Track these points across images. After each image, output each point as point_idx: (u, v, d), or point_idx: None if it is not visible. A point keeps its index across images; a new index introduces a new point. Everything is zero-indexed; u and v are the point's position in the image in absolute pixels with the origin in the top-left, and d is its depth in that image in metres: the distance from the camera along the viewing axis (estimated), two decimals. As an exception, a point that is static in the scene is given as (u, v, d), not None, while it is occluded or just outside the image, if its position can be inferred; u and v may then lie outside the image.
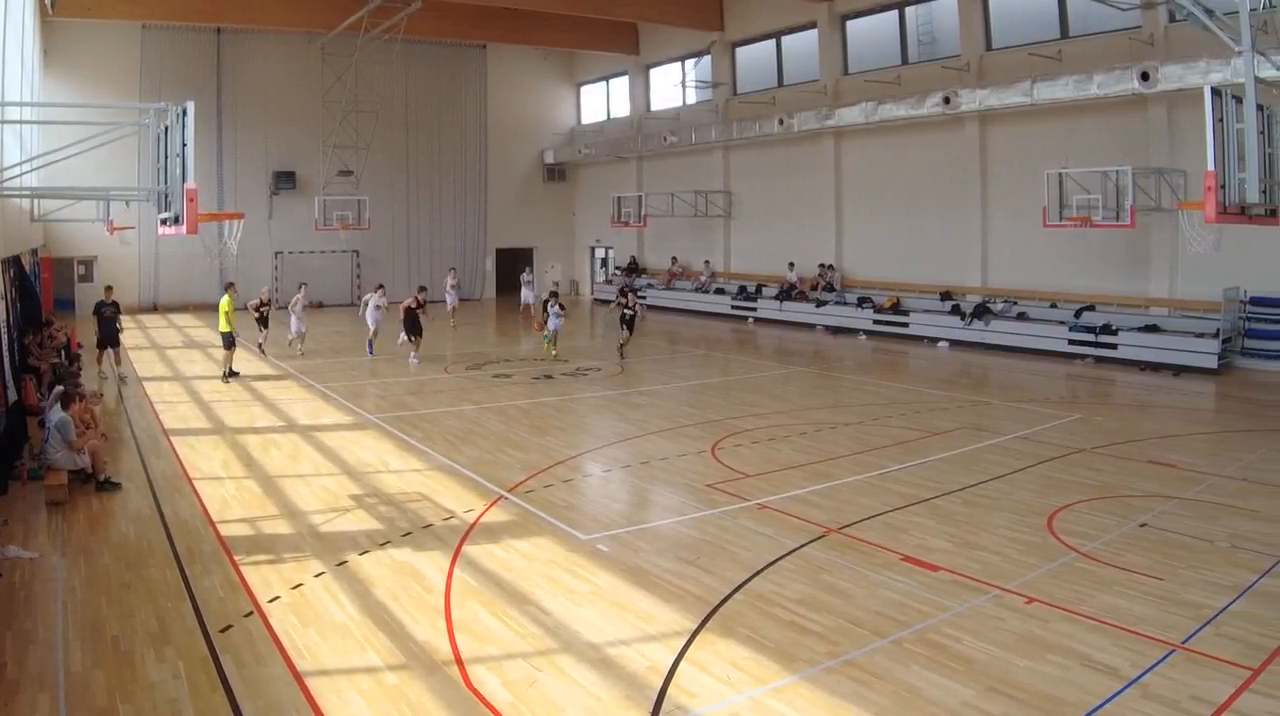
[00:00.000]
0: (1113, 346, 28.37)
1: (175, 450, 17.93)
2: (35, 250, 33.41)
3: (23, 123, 25.40)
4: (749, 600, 10.58)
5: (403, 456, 17.57)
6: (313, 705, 8.27)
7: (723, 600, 10.55)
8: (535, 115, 55.84)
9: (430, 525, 13.38)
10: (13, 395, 17.87)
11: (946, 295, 34.56)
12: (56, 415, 15.31)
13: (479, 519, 13.70)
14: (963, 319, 32.78)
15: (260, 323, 29.10)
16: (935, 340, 33.28)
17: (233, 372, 25.63)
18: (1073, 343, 29.38)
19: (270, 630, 9.76)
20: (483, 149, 53.63)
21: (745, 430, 19.41)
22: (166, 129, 15.45)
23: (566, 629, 9.87)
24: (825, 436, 18.99)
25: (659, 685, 8.61)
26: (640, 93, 51.97)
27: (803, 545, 12.37)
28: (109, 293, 26.12)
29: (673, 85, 49.14)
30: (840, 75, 39.20)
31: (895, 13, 37.04)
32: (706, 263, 46.22)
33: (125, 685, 8.58)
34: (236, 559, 11.92)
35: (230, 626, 9.85)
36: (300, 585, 11.02)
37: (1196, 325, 27.15)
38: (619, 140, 51.42)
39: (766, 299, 41.01)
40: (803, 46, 41.47)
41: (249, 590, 10.85)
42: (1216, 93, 15.92)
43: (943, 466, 16.57)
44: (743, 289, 43.13)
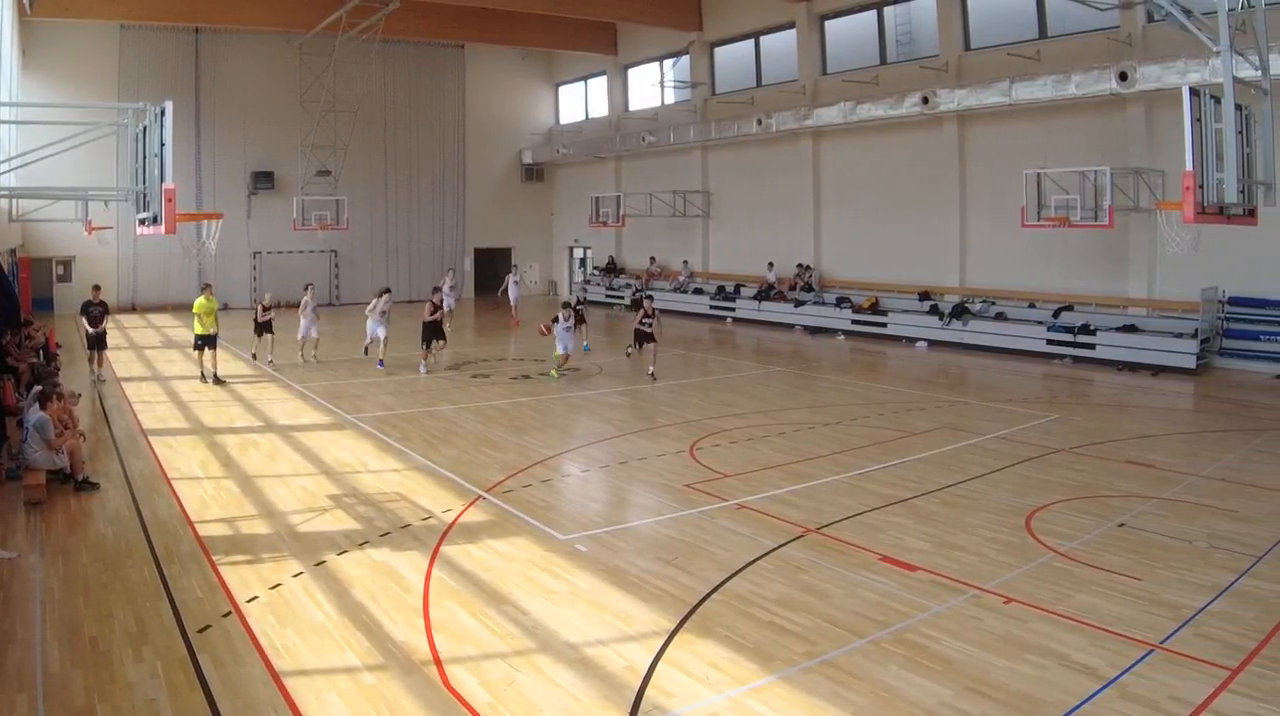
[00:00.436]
0: (1091, 346, 28.43)
1: (154, 450, 17.84)
2: (13, 250, 33.26)
3: (1, 123, 25.26)
4: (727, 600, 10.55)
5: (381, 456, 17.50)
6: (291, 705, 8.24)
7: (701, 600, 10.52)
8: (513, 115, 55.79)
9: (408, 525, 13.33)
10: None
11: (925, 295, 34.59)
12: (35, 415, 15.19)
13: (457, 519, 13.66)
14: (941, 319, 32.82)
15: (262, 330, 27.81)
16: (913, 340, 33.29)
17: (218, 379, 24.88)
18: (1051, 343, 29.44)
19: (248, 630, 9.71)
20: (461, 149, 53.52)
21: (724, 430, 19.37)
22: (145, 129, 15.47)
23: (544, 629, 9.84)
24: (804, 436, 18.96)
25: (637, 685, 8.59)
26: (618, 93, 51.95)
27: (781, 545, 12.35)
28: (96, 292, 25.71)
29: (651, 85, 49.21)
30: (819, 75, 39.23)
31: (874, 13, 37.06)
32: (685, 263, 46.13)
33: (103, 685, 8.54)
34: (215, 559, 11.85)
35: (208, 626, 9.80)
36: (278, 585, 10.97)
37: (1175, 325, 27.22)
38: (597, 140, 51.34)
39: (745, 299, 40.98)
40: (781, 46, 41.46)
41: (227, 590, 10.79)
42: (1195, 92, 15.95)
43: (921, 466, 16.56)
44: (721, 289, 43.13)
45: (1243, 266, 25.79)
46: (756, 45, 43.16)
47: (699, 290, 44.01)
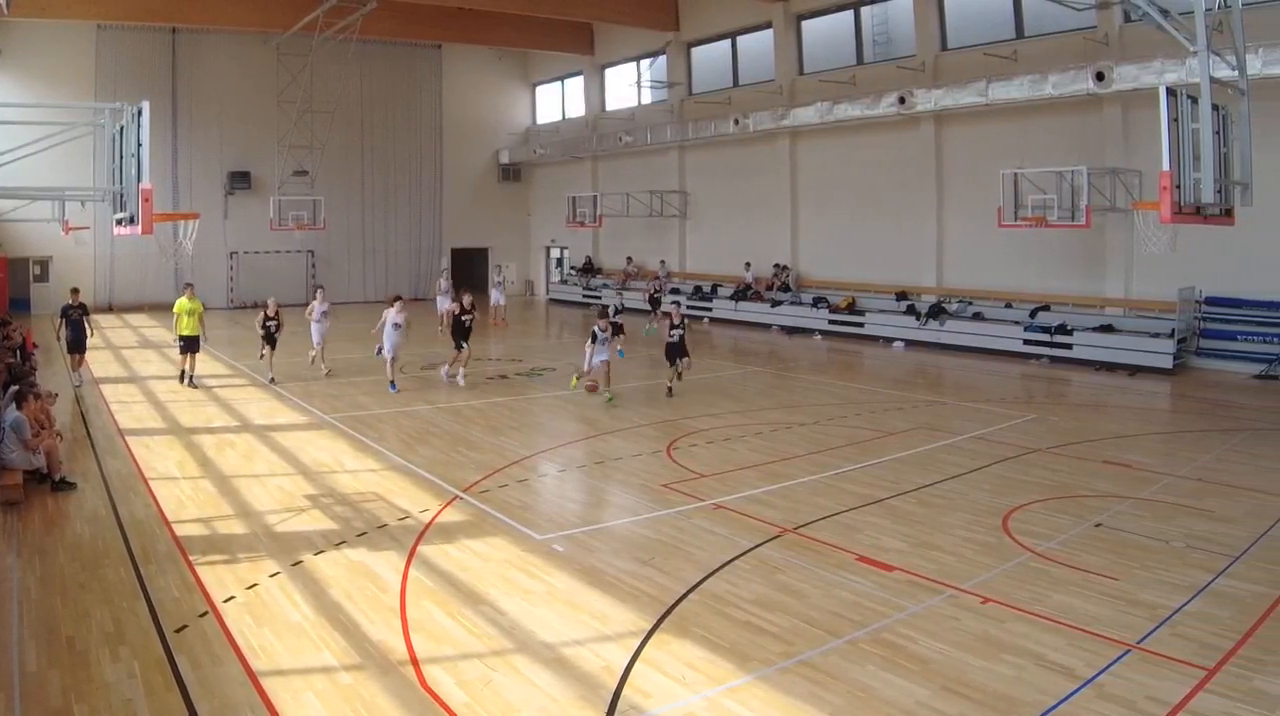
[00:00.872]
0: (1068, 346, 28.48)
1: (131, 450, 17.74)
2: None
3: (-22, 123, 25.07)
4: (704, 600, 10.50)
5: (358, 456, 17.43)
6: (268, 705, 8.20)
7: (678, 600, 10.48)
8: (490, 115, 55.76)
9: (385, 525, 13.27)
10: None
11: (902, 295, 34.61)
12: (11, 415, 15.04)
13: (434, 519, 13.60)
14: (918, 319, 32.84)
15: (267, 340, 25.09)
16: (890, 340, 33.31)
17: (191, 382, 24.31)
18: (1028, 343, 29.48)
19: (225, 630, 9.67)
20: (438, 149, 53.50)
21: (700, 430, 19.30)
22: (122, 129, 15.47)
23: (521, 629, 9.80)
24: (780, 436, 18.92)
25: (614, 685, 8.56)
26: (595, 93, 51.86)
27: (758, 545, 12.30)
28: (75, 295, 25.25)
29: (628, 85, 49.18)
30: (795, 75, 39.21)
31: (850, 13, 37.03)
32: (662, 262, 46.11)
33: (80, 685, 8.49)
34: (192, 559, 11.78)
35: (185, 626, 9.74)
36: (255, 585, 10.92)
37: (1152, 325, 27.30)
38: (574, 140, 51.30)
39: (722, 299, 40.97)
40: (758, 47, 41.46)
41: (204, 590, 10.74)
42: (1171, 92, 15.95)
43: (898, 466, 16.53)
44: (698, 289, 43.10)
45: (1220, 266, 25.85)
46: (733, 45, 43.13)
47: (676, 290, 43.92)
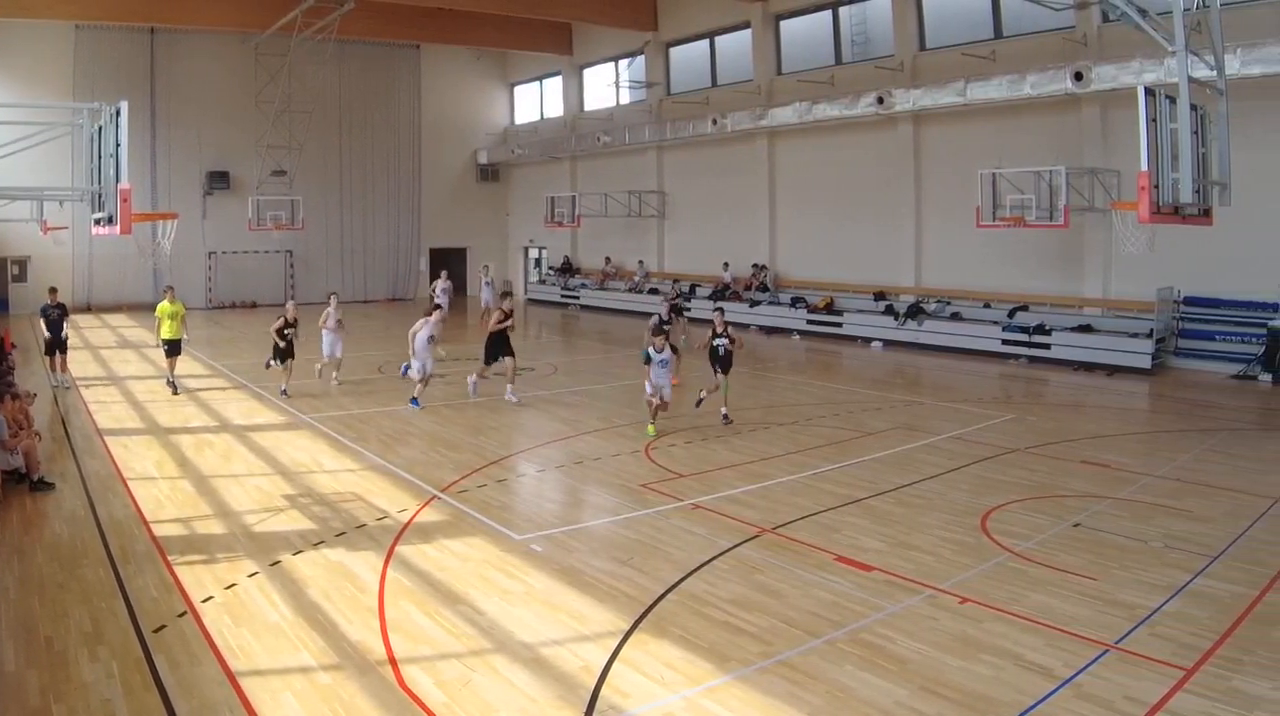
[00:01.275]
0: (1046, 346, 28.50)
1: (109, 450, 17.72)
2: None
3: (-44, 123, 24.92)
4: (682, 600, 10.49)
5: (336, 456, 17.40)
6: (246, 705, 8.18)
7: (656, 600, 10.47)
8: (469, 115, 55.77)
9: (364, 525, 13.25)
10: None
11: (880, 295, 34.63)
12: (-11, 415, 15.00)
13: (412, 519, 13.60)
14: (896, 319, 32.84)
15: (282, 354, 23.01)
16: (869, 340, 33.31)
17: (173, 386, 23.71)
18: (1006, 343, 29.49)
19: (204, 630, 9.66)
20: (416, 149, 53.54)
21: (679, 430, 19.25)
22: (100, 129, 15.44)
23: (500, 629, 9.79)
24: (759, 436, 18.89)
25: (592, 685, 8.55)
26: (574, 93, 51.83)
27: (736, 545, 12.29)
28: (54, 294, 24.85)
29: (606, 85, 49.18)
30: (774, 75, 39.22)
31: (829, 13, 37.06)
32: (640, 263, 46.15)
33: (59, 685, 8.48)
34: (170, 559, 11.77)
35: (164, 626, 9.73)
36: (234, 585, 10.91)
37: (1130, 325, 27.33)
38: (553, 140, 51.30)
39: (700, 299, 40.83)
40: (736, 46, 41.48)
41: (183, 590, 10.72)
42: (1150, 92, 15.92)
43: (876, 466, 16.52)
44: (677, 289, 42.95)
45: (1198, 266, 25.89)
46: (712, 45, 43.13)
47: (654, 290, 43.88)
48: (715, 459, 17.08)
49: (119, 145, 14.61)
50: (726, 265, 40.60)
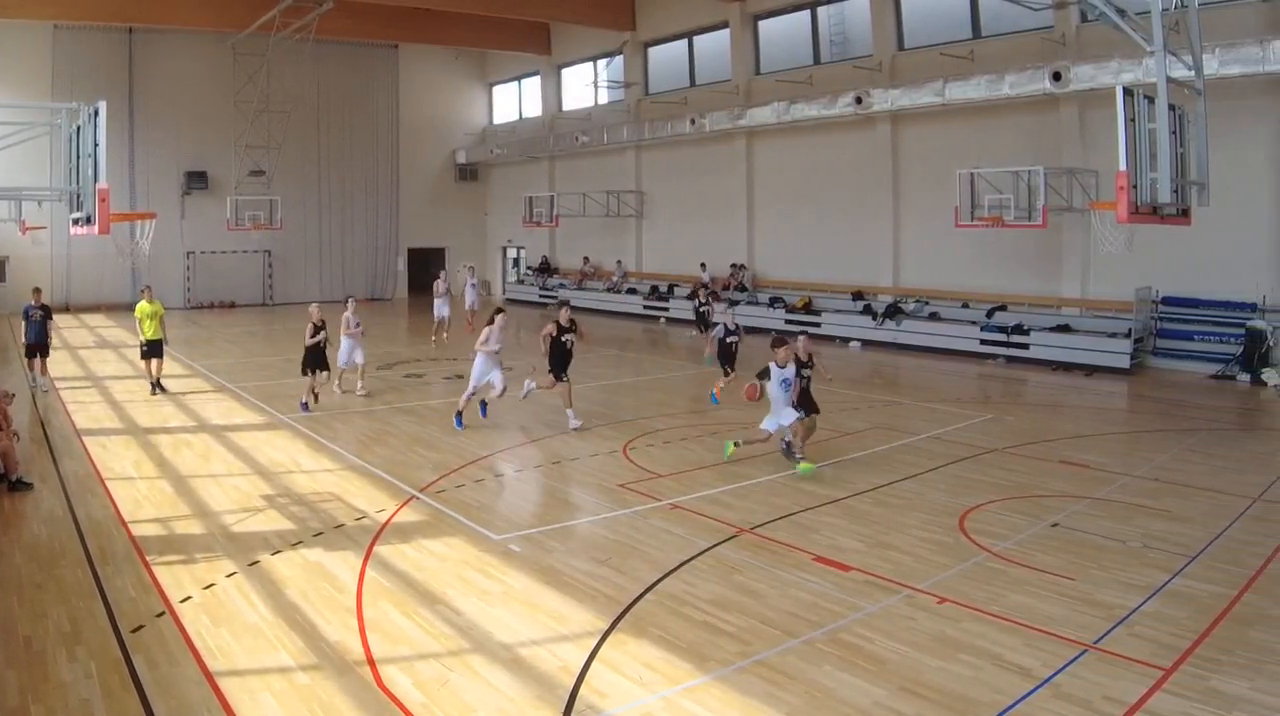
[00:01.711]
0: (1025, 346, 28.56)
1: (88, 450, 17.66)
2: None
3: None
4: (661, 600, 10.46)
5: (315, 456, 17.37)
6: (225, 705, 8.16)
7: (635, 600, 10.44)
8: (447, 115, 55.84)
9: (342, 525, 13.21)
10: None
11: (858, 295, 34.65)
12: (-34, 415, 14.91)
13: (391, 519, 13.55)
14: (875, 319, 32.88)
15: (316, 364, 21.29)
16: (847, 340, 33.33)
17: (160, 387, 23.41)
18: (985, 343, 29.55)
19: (182, 630, 9.62)
20: (394, 149, 53.57)
21: (657, 430, 19.21)
22: (78, 129, 15.49)
23: (478, 629, 9.76)
24: (736, 436, 18.83)
25: (571, 685, 8.53)
26: (552, 93, 51.89)
27: (715, 545, 12.25)
28: (37, 295, 24.46)
29: (585, 85, 49.18)
30: (752, 75, 39.27)
31: (807, 12, 37.15)
32: (619, 262, 46.17)
33: (37, 685, 8.45)
34: (149, 559, 11.72)
35: (142, 626, 9.70)
36: (212, 585, 10.86)
37: (1108, 325, 27.41)
38: (531, 140, 51.31)
39: (679, 299, 40.87)
40: (715, 46, 41.51)
41: (161, 590, 10.68)
42: (1128, 92, 15.96)
43: (854, 466, 16.51)
44: (655, 289, 43.14)
45: (1176, 266, 25.98)
46: (690, 45, 43.19)
47: (632, 290, 43.96)
48: (693, 459, 17.04)
49: (97, 145, 14.68)
50: (704, 266, 40.51)
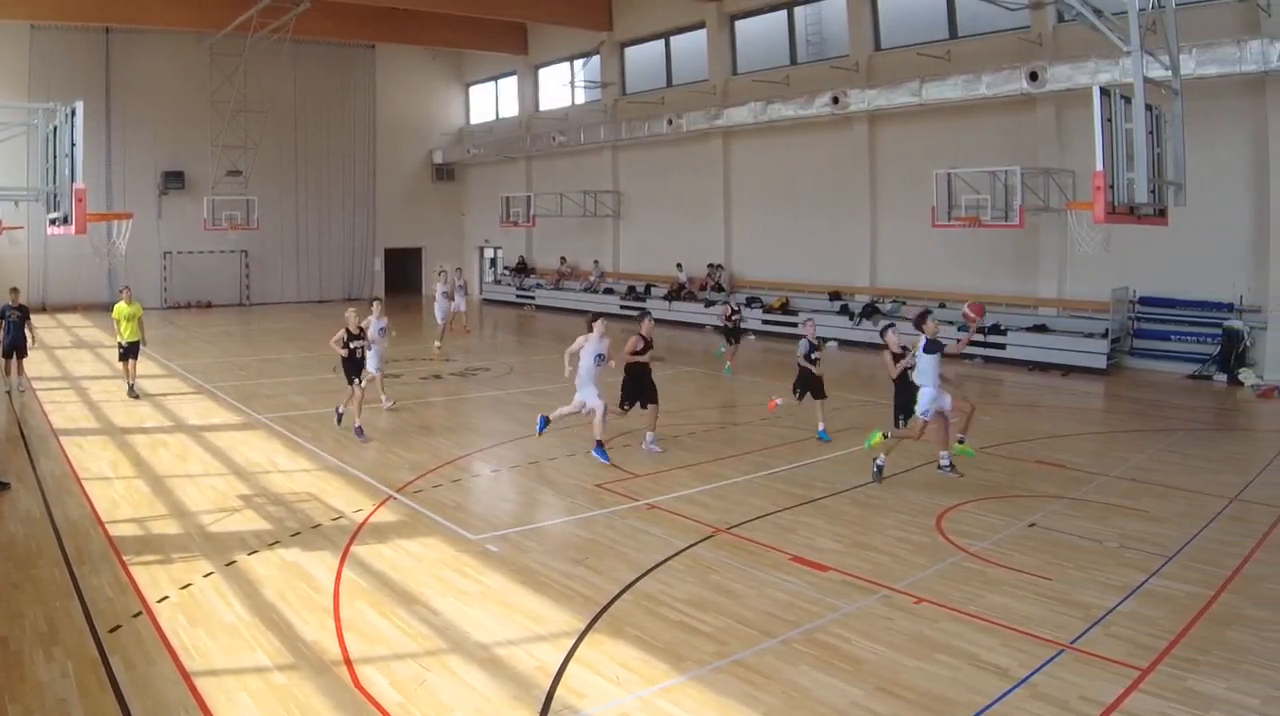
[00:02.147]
0: (1001, 346, 28.60)
1: (64, 450, 17.55)
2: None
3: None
4: (637, 600, 10.45)
5: (292, 456, 17.32)
6: (201, 705, 8.14)
7: (611, 600, 10.43)
8: (424, 115, 55.74)
9: (319, 525, 13.16)
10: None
11: (835, 295, 34.70)
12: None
13: (368, 519, 13.51)
14: (851, 319, 32.89)
15: (353, 368, 18.98)
16: (824, 340, 33.21)
17: (133, 391, 22.91)
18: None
19: (159, 630, 9.58)
20: (371, 149, 53.47)
21: (634, 429, 19.09)
22: (55, 129, 15.53)
23: (455, 629, 9.74)
24: (714, 436, 18.87)
25: (547, 685, 8.52)
26: (529, 93, 51.79)
27: (691, 545, 12.23)
28: (15, 295, 23.88)
29: (562, 85, 49.20)
30: (729, 75, 39.25)
31: (784, 13, 37.13)
32: (595, 262, 46.19)
33: (14, 685, 8.41)
34: (125, 559, 11.65)
35: (119, 626, 9.64)
36: (189, 585, 10.81)
37: (1085, 325, 27.49)
38: (508, 140, 51.25)
39: (656, 299, 40.87)
40: (692, 47, 41.48)
41: (138, 590, 10.62)
42: (1105, 92, 16.00)
43: (832, 466, 16.49)
44: (632, 289, 43.11)
45: (1153, 266, 26.05)
46: (667, 45, 43.14)
47: (610, 290, 43.94)
48: (670, 459, 17.01)
49: (74, 145, 14.77)
50: (680, 266, 40.60)
